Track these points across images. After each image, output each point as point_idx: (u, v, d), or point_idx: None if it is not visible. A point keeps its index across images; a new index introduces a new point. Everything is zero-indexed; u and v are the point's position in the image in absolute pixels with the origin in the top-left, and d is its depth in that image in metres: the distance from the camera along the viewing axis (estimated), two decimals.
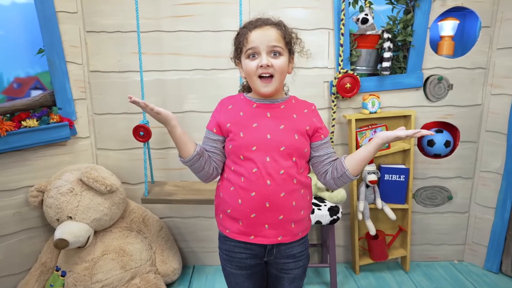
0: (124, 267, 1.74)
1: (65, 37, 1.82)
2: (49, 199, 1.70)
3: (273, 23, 1.04)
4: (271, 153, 1.02)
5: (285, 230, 1.07)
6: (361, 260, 2.10)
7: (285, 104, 1.09)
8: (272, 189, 1.02)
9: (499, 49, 1.93)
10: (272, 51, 1.02)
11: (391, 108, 2.00)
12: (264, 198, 1.02)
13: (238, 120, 1.06)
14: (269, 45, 1.01)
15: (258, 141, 1.03)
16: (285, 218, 1.05)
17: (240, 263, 1.12)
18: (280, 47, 1.03)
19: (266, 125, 1.04)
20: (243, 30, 1.05)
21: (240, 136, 1.04)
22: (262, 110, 1.06)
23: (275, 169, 1.02)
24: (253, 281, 1.15)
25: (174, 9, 1.85)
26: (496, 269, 2.09)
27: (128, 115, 1.96)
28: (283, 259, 1.11)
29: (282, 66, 1.03)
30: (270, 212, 1.04)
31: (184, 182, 1.94)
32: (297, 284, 1.16)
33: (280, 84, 1.07)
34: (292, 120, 1.06)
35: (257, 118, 1.05)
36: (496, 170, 2.03)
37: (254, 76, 1.03)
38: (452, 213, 2.16)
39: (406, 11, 1.93)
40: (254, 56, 1.02)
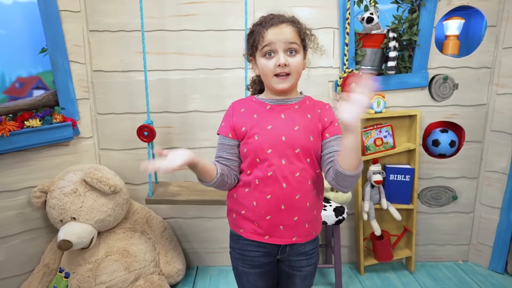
0: (128, 268, 1.73)
1: (68, 36, 1.80)
2: (53, 200, 1.68)
3: (288, 21, 1.02)
4: (287, 155, 1.01)
5: (299, 231, 1.07)
6: (365, 260, 2.08)
7: (299, 104, 1.07)
8: (287, 191, 1.02)
9: (505, 48, 1.92)
10: (288, 49, 1.00)
11: (396, 107, 1.99)
12: (279, 200, 1.02)
13: (252, 122, 1.04)
14: (286, 43, 1.00)
15: (273, 143, 1.02)
16: (300, 219, 1.05)
17: (253, 261, 1.11)
18: (297, 44, 1.01)
19: (280, 127, 1.03)
20: (258, 28, 1.03)
21: (255, 139, 1.03)
22: (276, 112, 1.05)
23: (291, 172, 1.02)
24: (265, 279, 1.15)
25: (178, 8, 1.83)
26: (501, 269, 2.08)
27: (131, 115, 1.95)
28: (296, 257, 1.12)
29: (299, 64, 1.02)
30: (285, 214, 1.04)
31: (188, 183, 1.92)
32: (308, 282, 1.16)
33: (296, 81, 1.05)
34: (307, 121, 1.04)
35: (272, 119, 1.04)
36: (502, 170, 2.02)
37: (271, 75, 1.02)
38: (457, 213, 2.15)
39: (411, 10, 1.92)
40: (270, 54, 1.01)
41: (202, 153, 2.01)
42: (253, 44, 1.04)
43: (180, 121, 1.97)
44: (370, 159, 1.96)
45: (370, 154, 1.94)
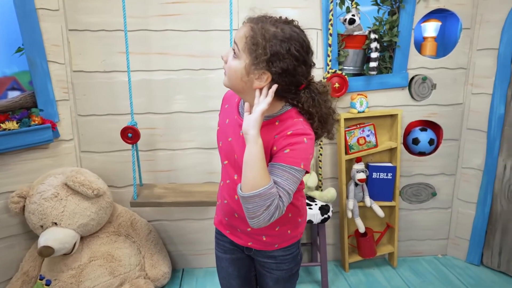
0: (112, 273, 1.69)
1: (46, 36, 1.74)
2: (32, 205, 1.62)
3: (251, 21, 0.86)
4: (239, 172, 0.92)
5: (255, 240, 1.06)
6: (350, 257, 2.13)
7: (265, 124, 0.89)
8: (238, 204, 0.92)
9: (478, 50, 2.01)
10: (234, 47, 0.88)
11: (378, 107, 2.04)
12: (232, 209, 1.03)
13: (223, 127, 1.03)
14: (234, 43, 0.88)
15: (228, 157, 1.01)
16: (254, 231, 1.03)
17: (224, 246, 1.15)
18: (236, 46, 0.85)
19: (236, 144, 0.95)
20: None
21: (220, 144, 1.04)
22: (238, 127, 0.93)
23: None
24: (237, 268, 1.14)
25: (162, 8, 1.81)
26: (477, 261, 2.17)
27: (114, 116, 1.90)
28: (263, 258, 1.09)
29: (231, 68, 0.87)
30: (239, 221, 1.04)
31: (173, 184, 1.90)
32: (282, 286, 1.12)
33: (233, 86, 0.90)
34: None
35: (233, 133, 0.97)
36: (477, 167, 2.10)
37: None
38: (436, 209, 2.22)
39: (391, 12, 1.97)
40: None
41: (186, 154, 1.99)
42: None
43: (164, 122, 1.94)
44: (353, 158, 1.99)
45: (353, 153, 1.98)
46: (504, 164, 2.00)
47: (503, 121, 1.97)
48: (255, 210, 0.81)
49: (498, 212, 2.06)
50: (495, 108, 1.98)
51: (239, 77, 0.87)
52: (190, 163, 1.99)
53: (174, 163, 1.99)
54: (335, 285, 2.00)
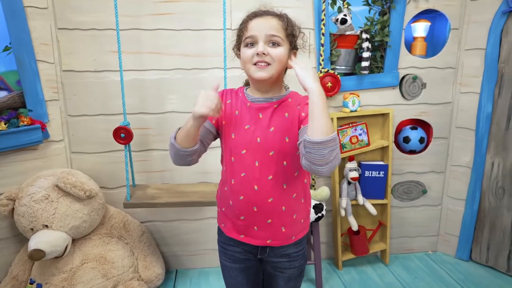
0: (105, 276, 1.67)
1: (34, 34, 1.71)
2: (22, 208, 1.59)
3: (275, 14, 0.99)
4: (260, 157, 0.99)
5: (274, 234, 1.06)
6: (343, 255, 2.14)
7: (279, 102, 1.01)
8: (259, 194, 1.00)
9: (467, 50, 2.05)
10: (270, 41, 0.95)
11: (370, 106, 2.06)
12: (251, 203, 1.02)
13: (232, 119, 1.03)
14: (268, 34, 0.95)
15: (248, 144, 1.00)
16: (274, 222, 1.04)
17: (233, 256, 1.12)
18: (279, 37, 0.96)
19: (257, 128, 1.00)
20: (244, 19, 1.01)
21: (232, 137, 1.02)
22: (255, 111, 1.01)
23: (264, 174, 1.00)
24: (247, 276, 1.15)
25: (155, 7, 1.79)
26: (466, 257, 2.21)
27: (106, 116, 1.88)
28: (277, 258, 1.11)
29: (280, 55, 0.96)
30: (258, 216, 1.04)
31: (167, 185, 1.88)
32: (293, 284, 1.15)
33: (277, 74, 0.98)
34: (283, 120, 0.99)
35: (250, 119, 1.01)
36: (466, 164, 2.15)
37: (249, 64, 0.97)
38: (426, 206, 2.26)
39: (381, 13, 1.99)
40: (252, 45, 0.97)
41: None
42: (238, 35, 1.02)
43: (157, 122, 1.92)
44: (346, 156, 2.01)
45: (346, 152, 1.99)
46: (492, 161, 2.05)
47: (490, 119, 2.02)
48: (330, 155, 0.84)
49: (486, 209, 2.10)
50: (483, 107, 2.02)
51: (283, 62, 0.98)
52: None
53: (168, 163, 1.96)
54: (329, 283, 2.01)
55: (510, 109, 1.94)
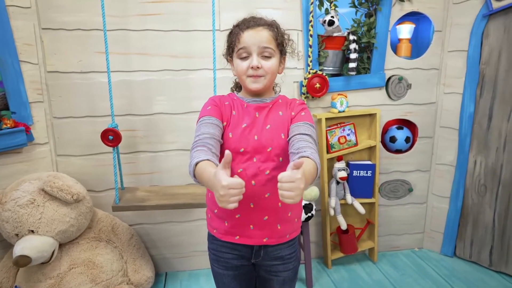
0: (94, 280, 1.63)
1: (17, 34, 1.66)
2: (6, 213, 1.54)
3: (266, 24, 1.04)
4: (258, 154, 1.03)
5: (271, 232, 1.07)
6: (332, 254, 2.17)
7: (273, 103, 1.09)
8: (256, 189, 1.03)
9: (449, 51, 2.11)
10: (263, 52, 1.02)
11: (358, 107, 2.09)
12: (248, 198, 1.02)
13: (231, 119, 1.06)
14: (260, 47, 1.01)
15: (245, 142, 1.03)
16: (270, 219, 1.06)
17: (226, 263, 1.12)
18: (271, 49, 1.02)
19: (254, 126, 1.04)
20: (235, 29, 1.05)
21: (229, 136, 1.04)
22: (252, 110, 1.06)
23: (261, 170, 1.03)
24: (240, 282, 1.14)
25: (142, 7, 1.77)
26: (451, 253, 2.27)
27: (92, 118, 1.84)
28: (271, 261, 1.11)
29: (272, 67, 1.04)
30: (254, 213, 1.04)
31: (156, 187, 1.87)
32: (288, 287, 1.15)
33: (270, 83, 1.07)
34: (278, 118, 1.06)
35: (246, 118, 1.05)
36: (450, 163, 2.21)
37: (244, 76, 1.04)
38: (412, 204, 2.31)
39: (368, 15, 2.03)
40: (245, 56, 1.02)
41: (169, 156, 1.96)
42: (230, 45, 1.06)
43: (145, 123, 1.90)
44: (334, 156, 2.04)
45: (334, 152, 2.02)
46: (475, 160, 2.11)
47: (472, 119, 2.08)
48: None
49: (469, 206, 2.17)
50: (466, 107, 2.08)
51: (276, 72, 1.06)
52: (173, 165, 1.96)
53: (156, 165, 1.95)
54: (319, 282, 2.03)
55: (491, 109, 2.01)
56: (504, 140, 1.97)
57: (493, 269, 2.11)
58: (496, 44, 1.93)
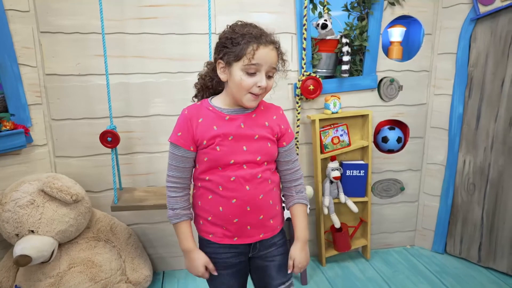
0: (93, 279, 1.67)
1: (16, 38, 1.69)
2: (6, 213, 1.57)
3: (275, 43, 1.04)
4: (248, 162, 1.07)
5: (265, 228, 1.13)
6: (326, 252, 2.22)
7: (256, 112, 1.10)
8: (251, 193, 1.07)
9: (439, 54, 2.17)
10: (269, 72, 1.03)
11: (351, 108, 2.14)
12: (245, 203, 1.07)
13: (213, 135, 1.05)
14: (270, 67, 1.02)
15: (235, 154, 1.05)
16: (265, 217, 1.12)
17: (225, 263, 1.15)
18: (276, 69, 1.05)
19: (241, 137, 1.06)
20: (247, 39, 0.99)
21: (217, 150, 1.04)
22: (235, 121, 1.06)
23: (253, 175, 1.07)
24: (237, 278, 1.19)
25: (139, 11, 1.80)
26: (442, 250, 2.33)
27: (90, 120, 1.87)
28: (266, 250, 1.16)
29: (271, 86, 1.06)
30: (251, 215, 1.09)
31: (153, 188, 1.90)
32: (284, 273, 1.18)
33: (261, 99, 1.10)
34: (265, 129, 1.09)
35: (232, 130, 1.05)
36: (440, 162, 2.27)
37: (245, 91, 1.02)
38: (404, 202, 2.37)
39: (360, 18, 2.08)
40: (253, 72, 1.00)
41: (165, 157, 1.98)
42: (238, 54, 1.00)
43: (142, 125, 1.94)
44: (328, 156, 2.09)
45: (328, 152, 2.07)
46: (464, 159, 2.17)
47: (462, 119, 2.14)
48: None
49: (459, 204, 2.23)
50: (455, 108, 2.14)
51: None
52: None
53: (153, 166, 1.99)
54: (313, 279, 2.08)
55: (479, 110, 2.07)
56: (492, 140, 2.04)
57: (482, 265, 2.18)
58: (483, 47, 2.00)
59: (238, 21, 1.06)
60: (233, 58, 1.01)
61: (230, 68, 1.03)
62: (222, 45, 1.04)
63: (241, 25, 1.04)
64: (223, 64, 1.04)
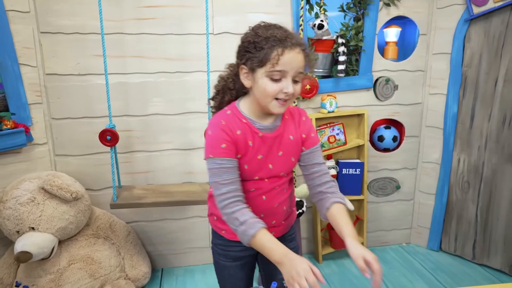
0: (93, 275, 1.70)
1: (17, 38, 1.71)
2: (7, 211, 1.60)
3: (301, 45, 0.96)
4: (270, 177, 1.07)
5: (277, 228, 1.15)
6: (323, 249, 2.25)
7: (283, 124, 1.06)
8: (267, 202, 1.09)
9: (434, 54, 2.20)
10: (296, 77, 0.95)
11: (347, 107, 2.17)
12: (259, 211, 1.07)
13: (247, 151, 1.02)
14: (296, 72, 0.94)
15: (260, 171, 1.06)
16: (277, 221, 1.14)
17: (235, 256, 1.17)
18: (303, 73, 0.97)
19: (268, 156, 1.05)
20: (271, 43, 0.92)
21: (244, 167, 1.03)
22: (267, 140, 1.04)
23: (272, 187, 1.08)
24: (246, 271, 1.22)
25: (138, 12, 1.83)
26: (437, 247, 2.37)
27: (89, 119, 1.90)
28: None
29: (299, 91, 0.99)
30: (264, 219, 1.07)
31: (152, 185, 1.93)
32: None
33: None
34: (289, 145, 1.07)
35: (262, 149, 1.03)
36: (435, 161, 2.30)
37: (270, 98, 0.96)
38: (400, 201, 2.40)
39: (356, 18, 2.11)
40: (278, 78, 0.94)
41: (164, 155, 2.02)
42: (262, 59, 0.93)
43: (141, 124, 1.96)
44: (324, 155, 2.12)
45: (324, 151, 2.10)
46: (458, 158, 2.20)
47: (456, 119, 2.17)
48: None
49: (454, 202, 2.26)
50: (449, 107, 2.17)
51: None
52: (168, 164, 2.02)
53: (152, 164, 2.02)
54: None
55: (473, 110, 2.10)
56: (485, 139, 2.07)
57: (476, 262, 2.21)
58: (477, 48, 2.03)
59: (261, 22, 0.98)
60: (257, 64, 0.94)
61: (253, 74, 0.96)
62: (244, 50, 0.97)
63: (265, 27, 0.96)
64: (246, 69, 0.98)
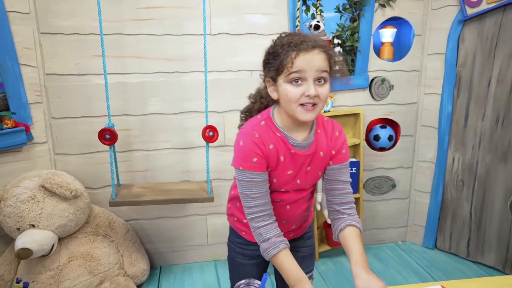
0: (92, 272, 1.72)
1: (17, 39, 1.74)
2: (7, 208, 1.62)
3: (320, 46, 0.93)
4: (296, 190, 1.08)
5: (296, 231, 1.18)
6: (319, 247, 2.28)
7: (315, 140, 1.03)
8: (290, 211, 1.10)
9: (429, 54, 2.23)
10: (319, 78, 0.92)
11: (343, 107, 2.20)
12: (282, 219, 1.09)
13: (277, 165, 1.01)
14: (318, 72, 0.91)
15: (287, 185, 1.06)
16: (297, 225, 1.16)
17: (253, 254, 1.18)
18: (327, 73, 0.93)
19: (297, 171, 1.04)
20: (286, 49, 0.92)
21: (273, 181, 1.03)
22: (299, 158, 1.02)
23: (296, 198, 1.10)
24: (260, 268, 1.23)
25: (136, 12, 1.86)
26: (432, 245, 2.39)
27: (88, 118, 1.93)
28: (293, 242, 1.17)
29: (327, 93, 0.94)
30: (285, 226, 1.12)
31: (151, 184, 1.95)
32: (307, 264, 1.21)
33: (320, 111, 0.98)
34: (319, 160, 1.05)
35: (292, 165, 1.03)
36: (430, 160, 2.33)
37: (295, 104, 0.93)
38: (395, 199, 2.43)
39: (352, 19, 2.14)
40: (298, 81, 0.91)
41: (162, 154, 2.05)
42: (278, 67, 0.93)
43: (139, 123, 1.99)
44: None
45: None
46: (453, 157, 2.23)
47: (451, 118, 2.20)
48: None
49: (448, 200, 2.29)
50: (444, 107, 2.20)
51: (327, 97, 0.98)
52: (166, 163, 2.05)
53: (150, 163, 2.05)
54: None
55: (467, 109, 2.13)
56: (479, 138, 2.10)
57: (470, 260, 2.24)
58: (471, 48, 2.06)
59: (282, 33, 0.97)
60: (275, 72, 0.94)
61: (276, 84, 0.96)
62: (265, 62, 0.98)
63: (283, 36, 0.96)
64: (270, 82, 0.97)
